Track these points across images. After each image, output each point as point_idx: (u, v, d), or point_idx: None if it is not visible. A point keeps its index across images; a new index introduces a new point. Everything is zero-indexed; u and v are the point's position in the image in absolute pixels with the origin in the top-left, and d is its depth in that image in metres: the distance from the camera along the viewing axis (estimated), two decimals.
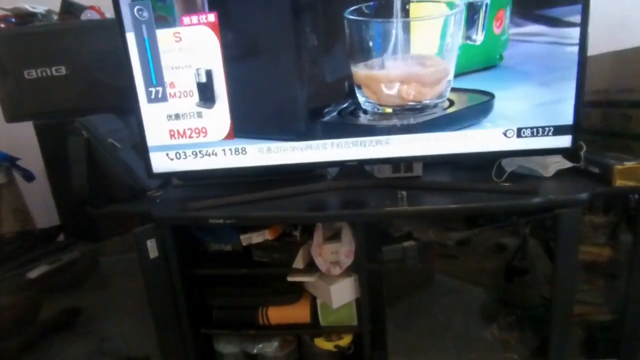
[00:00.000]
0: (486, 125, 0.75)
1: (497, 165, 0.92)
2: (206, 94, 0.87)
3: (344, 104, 0.65)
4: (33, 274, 0.96)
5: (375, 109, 0.64)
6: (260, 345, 0.95)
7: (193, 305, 0.93)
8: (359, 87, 0.63)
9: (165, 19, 0.70)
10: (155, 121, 0.89)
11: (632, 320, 0.90)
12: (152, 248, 0.82)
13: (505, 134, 0.85)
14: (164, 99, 0.87)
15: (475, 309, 1.09)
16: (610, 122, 1.02)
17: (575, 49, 0.62)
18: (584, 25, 0.64)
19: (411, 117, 0.65)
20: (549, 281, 0.87)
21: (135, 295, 0.92)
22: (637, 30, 1.20)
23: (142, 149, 0.90)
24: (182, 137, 0.89)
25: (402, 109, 0.64)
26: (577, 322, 0.95)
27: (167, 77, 0.86)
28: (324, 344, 0.94)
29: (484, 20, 0.58)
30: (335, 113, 0.64)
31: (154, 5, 0.71)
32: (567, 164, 0.91)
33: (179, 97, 0.87)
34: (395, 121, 0.65)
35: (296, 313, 0.93)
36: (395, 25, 0.57)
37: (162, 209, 0.88)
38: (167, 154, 0.90)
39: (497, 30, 0.59)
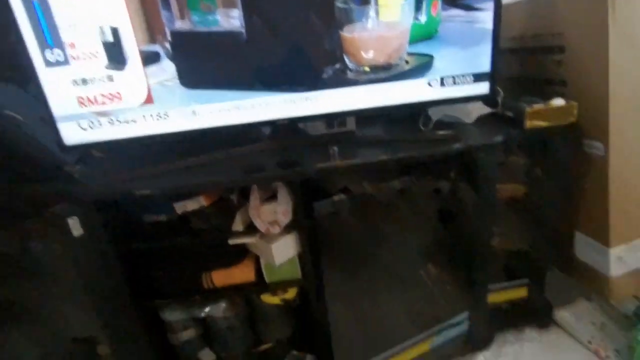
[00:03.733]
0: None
1: (424, 115, 0.96)
2: (114, 54, 0.78)
3: (337, 65, 0.86)
4: None
5: (358, 68, 0.86)
6: (208, 309, 0.96)
7: (134, 279, 0.90)
8: (346, 53, 0.85)
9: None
10: (59, 88, 0.79)
11: (539, 248, 1.03)
12: (74, 226, 0.77)
13: (429, 84, 0.88)
14: (65, 62, 0.78)
15: (412, 252, 1.18)
16: (525, 68, 1.08)
17: (482, 25, 0.87)
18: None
19: (382, 73, 0.87)
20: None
21: (73, 277, 0.88)
22: None
23: (48, 120, 0.81)
24: (93, 104, 0.81)
25: (376, 68, 0.86)
26: (495, 252, 1.06)
27: (65, 37, 0.76)
28: (271, 299, 0.97)
29: (426, 7, 0.84)
30: (331, 72, 0.86)
31: None
32: (487, 110, 0.96)
33: (83, 59, 0.78)
34: (372, 76, 0.87)
35: (241, 273, 0.94)
36: (371, 8, 0.82)
37: (82, 185, 0.81)
38: (78, 124, 0.82)
39: (433, 13, 0.85)
